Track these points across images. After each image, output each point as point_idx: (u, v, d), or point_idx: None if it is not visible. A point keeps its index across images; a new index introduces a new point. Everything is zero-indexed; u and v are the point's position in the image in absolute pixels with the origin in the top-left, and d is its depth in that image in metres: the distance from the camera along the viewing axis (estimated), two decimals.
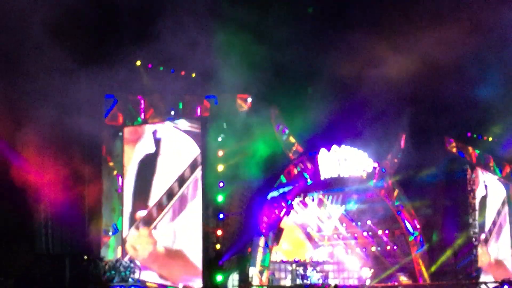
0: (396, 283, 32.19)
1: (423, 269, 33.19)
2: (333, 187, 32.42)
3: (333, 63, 27.06)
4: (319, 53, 27.50)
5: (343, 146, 31.22)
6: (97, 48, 22.69)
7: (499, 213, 36.74)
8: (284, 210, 29.17)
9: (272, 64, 25.81)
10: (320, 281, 30.46)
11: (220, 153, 26.20)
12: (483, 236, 34.92)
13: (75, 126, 22.82)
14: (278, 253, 31.54)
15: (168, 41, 23.86)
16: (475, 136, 35.52)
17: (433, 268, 32.70)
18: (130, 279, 23.98)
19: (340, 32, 26.17)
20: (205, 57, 24.99)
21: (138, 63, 25.53)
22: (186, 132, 27.01)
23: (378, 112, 29.71)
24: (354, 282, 32.99)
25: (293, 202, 30.57)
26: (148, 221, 26.66)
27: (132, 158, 27.24)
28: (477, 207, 34.68)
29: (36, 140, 22.43)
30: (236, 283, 26.70)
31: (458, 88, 28.95)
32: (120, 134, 27.06)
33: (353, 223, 34.82)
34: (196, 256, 25.94)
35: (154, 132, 27.32)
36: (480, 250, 34.12)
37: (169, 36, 23.79)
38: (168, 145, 27.15)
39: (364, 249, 34.76)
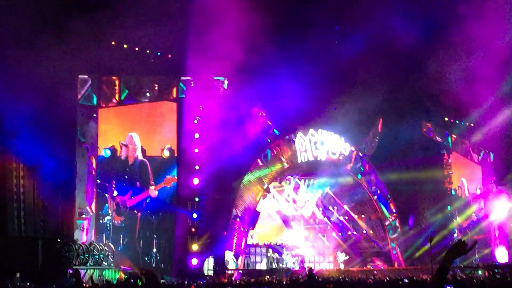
0: (371, 267, 32.23)
1: (399, 253, 33.28)
2: (310, 171, 32.48)
3: (311, 47, 26.93)
4: (296, 36, 27.33)
5: (320, 130, 31.20)
6: (71, 27, 22.21)
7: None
8: (261, 193, 29.09)
9: (250, 47, 25.58)
10: (296, 265, 30.42)
11: (196, 135, 26.03)
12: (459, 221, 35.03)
13: (48, 106, 22.39)
14: (254, 236, 31.48)
15: (145, 22, 23.51)
16: (452, 121, 35.63)
17: (408, 253, 32.81)
18: (103, 263, 23.71)
19: (318, 16, 25.96)
20: (181, 39, 24.73)
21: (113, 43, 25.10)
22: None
23: (356, 96, 29.60)
24: (330, 266, 32.98)
25: (269, 186, 30.51)
26: None
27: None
28: (453, 191, 34.84)
29: (8, 121, 21.96)
30: (211, 266, 26.63)
31: (436, 73, 28.96)
32: (95, 115, 26.62)
33: (330, 207, 34.81)
34: None
35: None
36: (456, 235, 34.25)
37: (145, 17, 23.44)
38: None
39: (340, 234, 34.77)
